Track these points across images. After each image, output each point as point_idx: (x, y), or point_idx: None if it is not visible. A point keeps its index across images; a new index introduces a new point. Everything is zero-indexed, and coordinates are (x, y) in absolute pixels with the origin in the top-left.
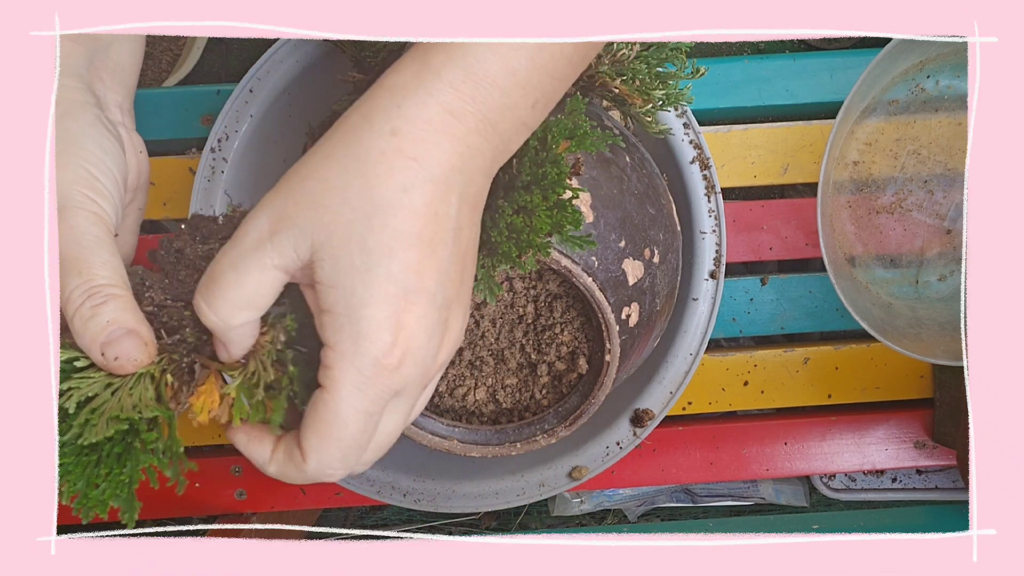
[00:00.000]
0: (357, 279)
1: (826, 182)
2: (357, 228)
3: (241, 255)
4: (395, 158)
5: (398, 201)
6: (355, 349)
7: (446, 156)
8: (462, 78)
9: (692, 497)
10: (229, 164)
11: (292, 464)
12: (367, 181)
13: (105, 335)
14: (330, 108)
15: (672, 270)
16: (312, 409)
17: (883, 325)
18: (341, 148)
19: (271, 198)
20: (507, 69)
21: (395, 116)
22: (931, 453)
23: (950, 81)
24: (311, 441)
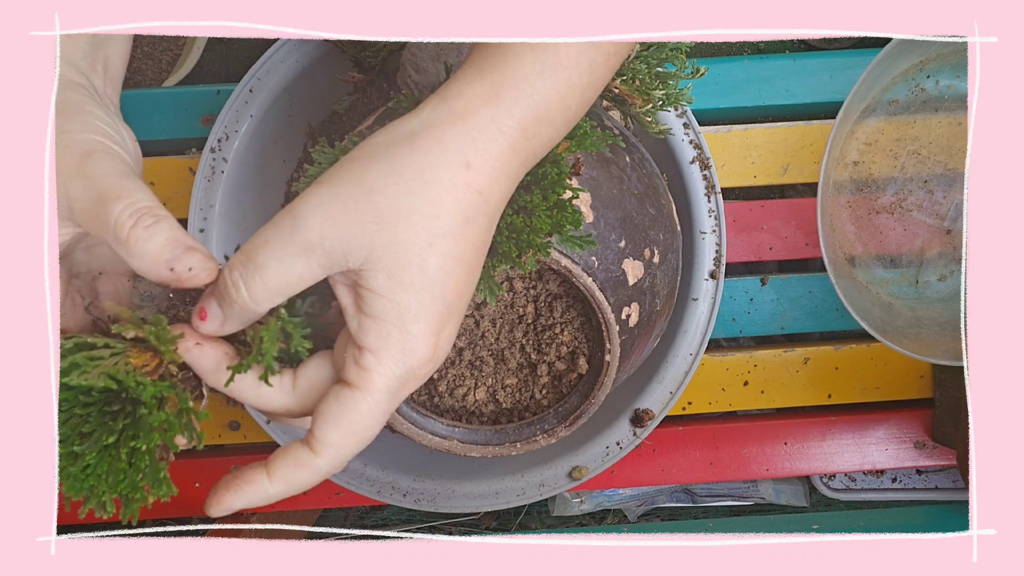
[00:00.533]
0: (413, 296)
1: (826, 182)
2: (418, 251)
3: (286, 250)
4: (465, 191)
5: (460, 231)
6: (400, 359)
7: (501, 189)
8: (529, 117)
9: (692, 497)
10: (229, 164)
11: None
12: (436, 209)
13: (169, 252)
14: (330, 108)
15: (672, 270)
16: (338, 406)
17: (883, 325)
18: (412, 170)
19: (325, 194)
20: (563, 106)
21: (470, 150)
22: (931, 453)
23: (950, 81)
24: (332, 436)
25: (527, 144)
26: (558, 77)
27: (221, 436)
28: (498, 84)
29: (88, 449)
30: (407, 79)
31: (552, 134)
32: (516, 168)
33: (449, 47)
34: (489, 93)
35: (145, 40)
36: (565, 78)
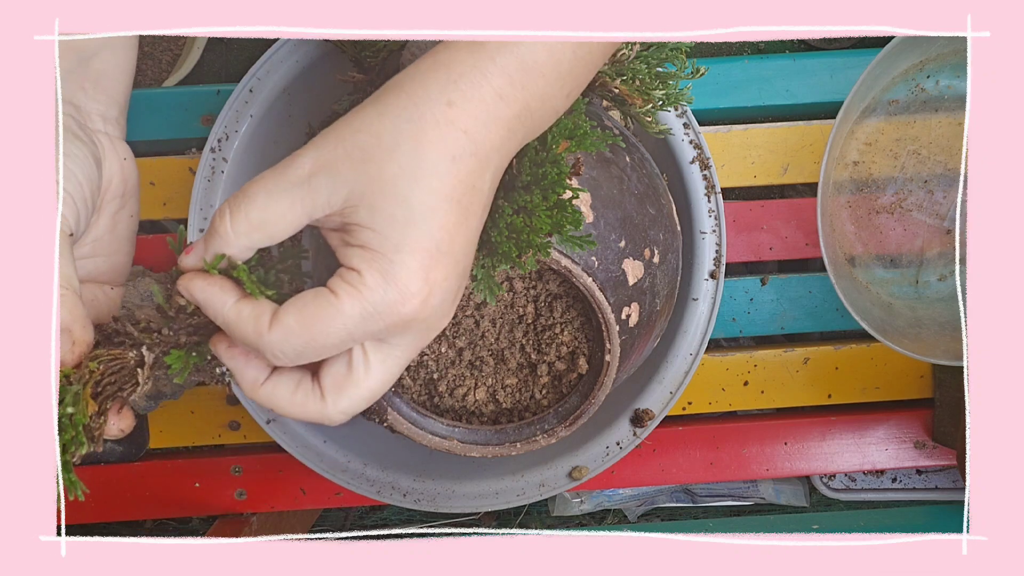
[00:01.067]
0: (396, 228)
1: (826, 182)
2: (401, 184)
3: (277, 184)
4: (448, 128)
5: (445, 168)
6: (381, 284)
7: (491, 135)
8: (514, 65)
9: (692, 497)
10: (229, 164)
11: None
12: (419, 144)
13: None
14: (330, 108)
15: (672, 270)
16: (311, 297)
17: (883, 325)
18: (396, 109)
19: (320, 141)
20: (553, 59)
21: (452, 89)
22: (931, 453)
23: (950, 81)
24: (289, 319)
25: (516, 93)
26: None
27: (221, 436)
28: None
29: None
30: None
31: (545, 88)
32: (508, 118)
33: None
34: (474, 47)
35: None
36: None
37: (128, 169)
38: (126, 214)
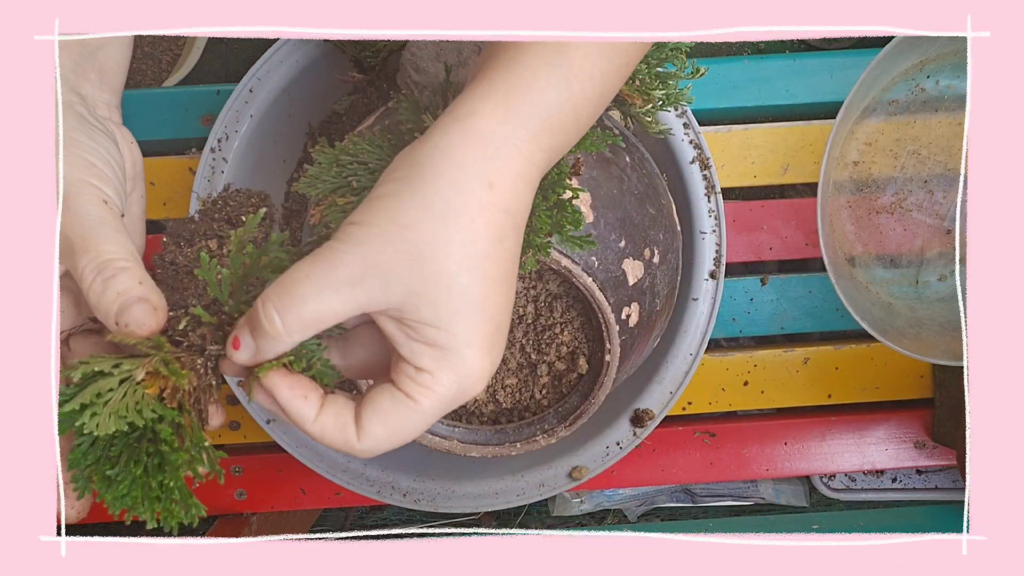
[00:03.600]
0: (460, 323)
1: (826, 182)
2: (459, 279)
3: (327, 284)
4: (492, 212)
5: (494, 251)
6: (456, 380)
7: (525, 203)
8: (545, 130)
9: (692, 497)
10: (229, 164)
11: (340, 434)
12: (469, 236)
13: (117, 305)
14: (330, 108)
15: (672, 270)
16: (392, 406)
17: (883, 325)
18: (440, 201)
19: (366, 238)
20: (575, 117)
21: (491, 169)
22: (931, 453)
23: (950, 81)
24: (376, 431)
25: (542, 155)
26: (572, 90)
27: (221, 436)
28: (510, 99)
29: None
30: (407, 79)
31: (565, 143)
32: (534, 177)
33: (449, 47)
34: (502, 109)
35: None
36: (579, 90)
37: (135, 152)
38: (137, 195)
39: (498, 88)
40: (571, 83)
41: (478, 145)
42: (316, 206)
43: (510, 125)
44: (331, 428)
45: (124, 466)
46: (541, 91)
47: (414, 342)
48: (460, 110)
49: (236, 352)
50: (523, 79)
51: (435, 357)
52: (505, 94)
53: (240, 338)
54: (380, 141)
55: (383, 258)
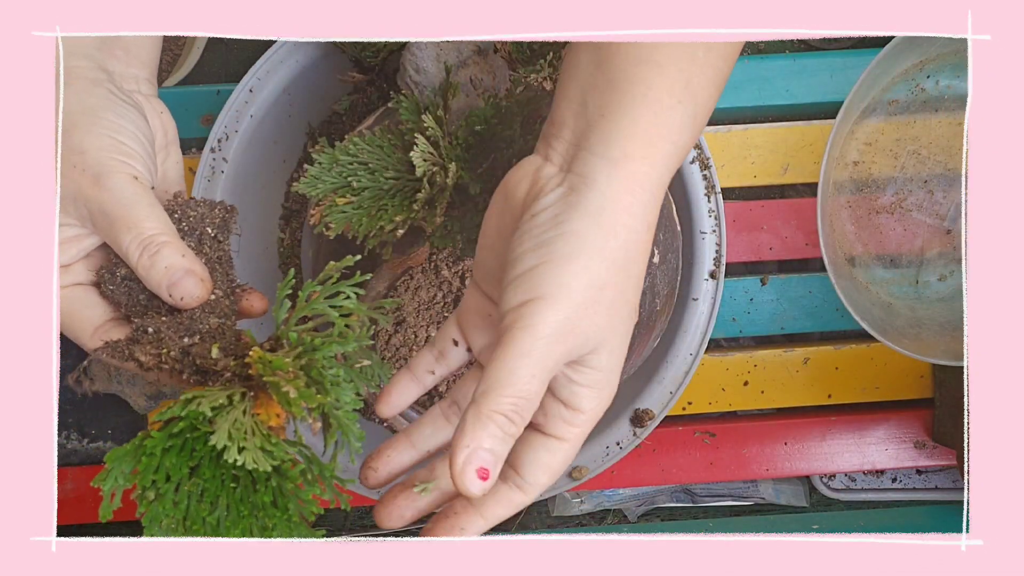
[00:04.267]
0: (617, 359)
1: (826, 182)
2: (629, 323)
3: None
4: (646, 246)
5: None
6: (603, 405)
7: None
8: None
9: (692, 497)
10: (229, 164)
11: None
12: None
13: (167, 280)
14: (330, 108)
15: (672, 270)
16: (549, 456)
17: (883, 325)
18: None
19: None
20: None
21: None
22: (931, 453)
23: (950, 81)
24: (542, 480)
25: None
26: (696, 125)
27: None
28: (655, 143)
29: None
30: (407, 79)
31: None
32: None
33: (449, 47)
34: (651, 153)
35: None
36: (701, 122)
37: (167, 120)
38: (172, 162)
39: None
40: (696, 118)
41: (640, 192)
42: (316, 206)
43: (658, 170)
44: (503, 513)
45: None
46: (679, 132)
47: (577, 385)
48: (613, 152)
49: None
50: (661, 120)
51: (594, 398)
52: (650, 138)
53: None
54: (380, 141)
55: (587, 322)
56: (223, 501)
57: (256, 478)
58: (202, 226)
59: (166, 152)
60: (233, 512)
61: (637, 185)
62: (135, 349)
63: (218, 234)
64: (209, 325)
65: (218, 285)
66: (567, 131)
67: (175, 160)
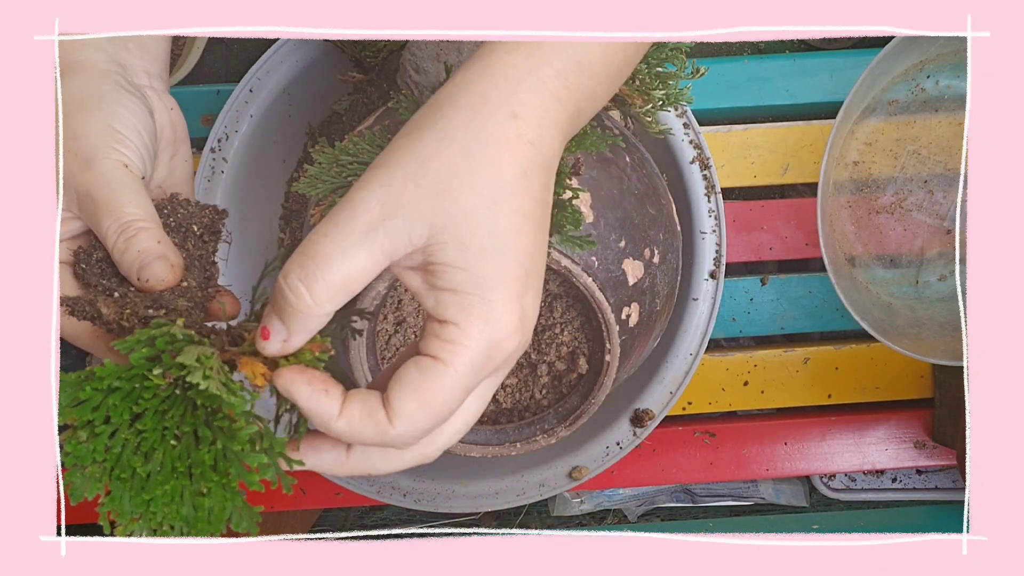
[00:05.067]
0: (488, 262)
1: (826, 182)
2: (484, 213)
3: (348, 238)
4: (518, 143)
5: (521, 186)
6: (485, 330)
7: (552, 142)
8: (570, 68)
9: (692, 497)
10: (229, 164)
11: (371, 424)
12: (495, 167)
13: (139, 262)
14: (330, 108)
15: (672, 270)
16: (419, 375)
17: (883, 325)
18: (461, 130)
19: (382, 177)
20: (606, 61)
21: (514, 101)
22: (931, 453)
23: (950, 81)
24: (408, 405)
25: (570, 95)
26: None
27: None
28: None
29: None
30: (407, 79)
31: (595, 88)
32: (563, 121)
33: (449, 47)
34: (526, 45)
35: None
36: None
37: (176, 117)
38: (180, 159)
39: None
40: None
41: (501, 77)
42: (316, 206)
43: (535, 59)
44: (359, 419)
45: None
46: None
47: (439, 291)
48: (482, 50)
49: (267, 343)
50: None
51: (461, 306)
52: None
53: (269, 326)
54: (380, 141)
55: (404, 197)
56: (159, 456)
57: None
58: (188, 223)
59: (174, 148)
60: (167, 468)
61: (499, 72)
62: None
63: (204, 234)
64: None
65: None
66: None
67: (183, 158)
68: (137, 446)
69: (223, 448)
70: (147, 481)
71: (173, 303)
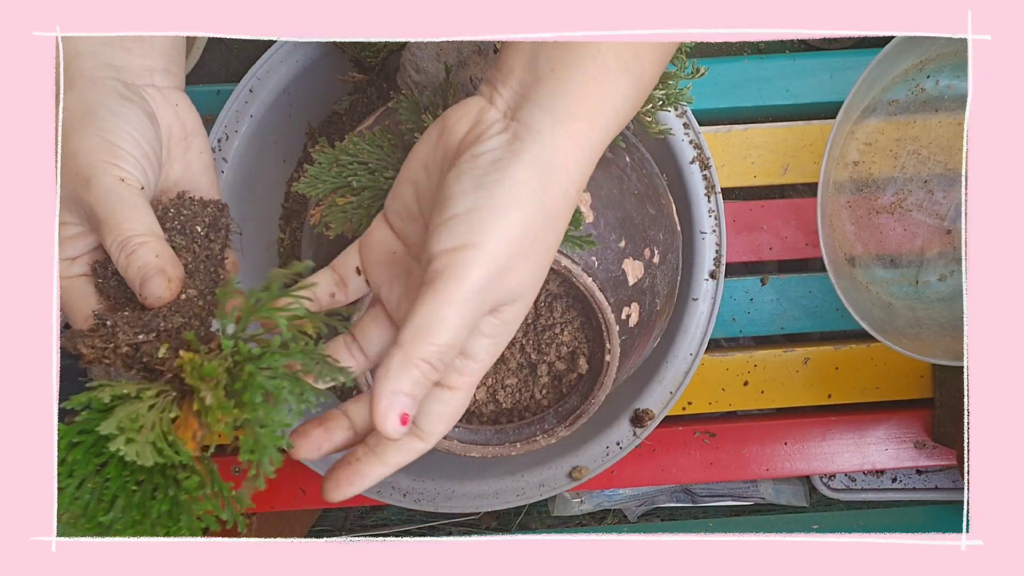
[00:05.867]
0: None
1: (826, 182)
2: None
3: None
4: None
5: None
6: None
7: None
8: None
9: (692, 497)
10: (229, 164)
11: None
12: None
13: (139, 278)
14: (330, 108)
15: (672, 270)
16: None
17: (883, 325)
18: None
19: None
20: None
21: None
22: (931, 453)
23: (950, 81)
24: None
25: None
26: (639, 95)
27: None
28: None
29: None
30: (407, 79)
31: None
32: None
33: (449, 47)
34: (591, 111)
35: None
36: (644, 91)
37: (184, 111)
38: (195, 152)
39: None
40: (640, 89)
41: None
42: (316, 206)
43: (598, 133)
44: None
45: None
46: (623, 99)
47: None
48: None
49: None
50: (608, 84)
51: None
52: (595, 100)
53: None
54: (380, 141)
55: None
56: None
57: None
58: (192, 224)
59: (186, 143)
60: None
61: (577, 145)
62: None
63: (208, 232)
64: (171, 324)
65: (195, 284)
66: (514, 80)
67: (198, 150)
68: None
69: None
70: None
71: (169, 321)
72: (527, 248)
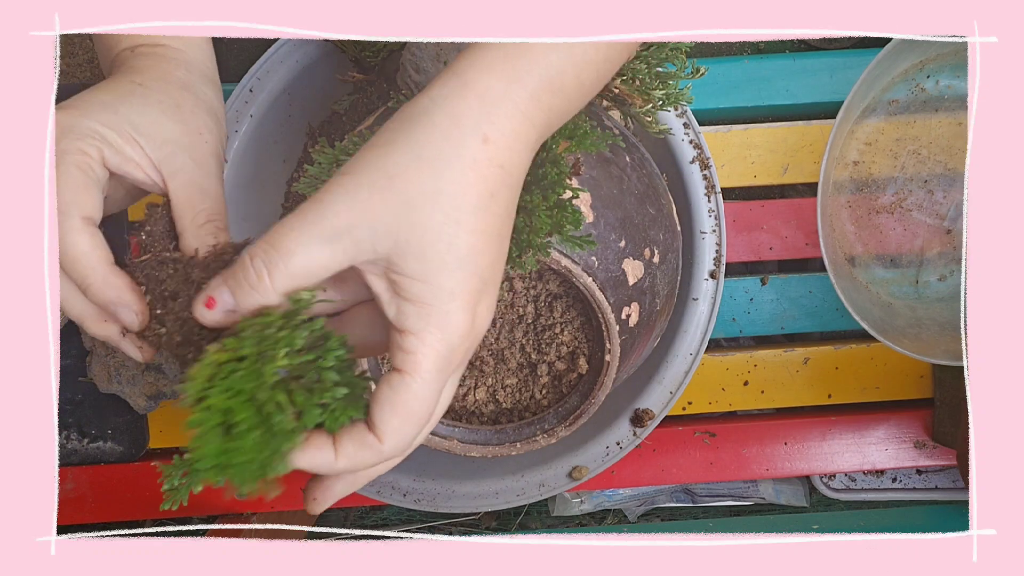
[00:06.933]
0: (447, 276)
1: (826, 182)
2: (447, 230)
3: (312, 236)
4: (487, 166)
5: (486, 206)
6: (442, 337)
7: (521, 160)
8: (544, 88)
9: (692, 497)
10: (229, 164)
11: (367, 450)
12: (460, 188)
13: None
14: (330, 108)
15: (672, 270)
16: (391, 392)
17: (883, 325)
18: (432, 150)
19: (350, 185)
20: (577, 80)
21: (486, 123)
22: (931, 453)
23: (950, 81)
24: (392, 423)
25: (541, 115)
26: (574, 51)
27: None
28: (511, 56)
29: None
30: (407, 79)
31: (566, 106)
32: (533, 139)
33: (449, 47)
34: (502, 65)
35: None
36: (580, 53)
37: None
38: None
39: (500, 45)
40: (573, 44)
41: (475, 99)
42: None
43: (509, 82)
44: (354, 452)
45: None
46: (543, 51)
47: (401, 300)
48: (460, 64)
49: (209, 312)
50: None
51: (419, 315)
52: (506, 52)
53: (216, 297)
54: None
55: (371, 207)
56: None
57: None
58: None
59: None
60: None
61: (474, 93)
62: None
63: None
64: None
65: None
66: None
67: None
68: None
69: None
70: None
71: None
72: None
